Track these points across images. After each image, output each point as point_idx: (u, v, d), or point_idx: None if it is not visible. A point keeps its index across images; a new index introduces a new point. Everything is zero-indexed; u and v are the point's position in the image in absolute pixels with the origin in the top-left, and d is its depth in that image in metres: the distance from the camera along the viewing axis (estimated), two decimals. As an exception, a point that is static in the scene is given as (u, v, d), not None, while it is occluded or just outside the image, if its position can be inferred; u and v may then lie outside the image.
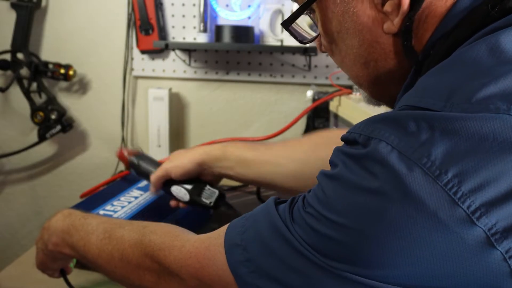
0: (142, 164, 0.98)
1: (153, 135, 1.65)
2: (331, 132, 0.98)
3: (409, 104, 0.44)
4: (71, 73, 1.63)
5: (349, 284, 0.43)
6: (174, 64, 1.67)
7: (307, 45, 0.91)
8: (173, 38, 1.64)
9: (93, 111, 1.74)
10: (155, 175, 0.93)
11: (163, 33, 1.63)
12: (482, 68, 0.42)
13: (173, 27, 1.64)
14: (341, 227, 0.43)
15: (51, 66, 1.62)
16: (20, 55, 1.63)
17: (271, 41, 1.58)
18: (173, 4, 1.63)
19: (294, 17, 0.56)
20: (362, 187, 0.42)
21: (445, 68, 0.45)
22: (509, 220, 0.38)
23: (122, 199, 0.98)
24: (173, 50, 1.64)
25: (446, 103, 0.41)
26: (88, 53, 1.70)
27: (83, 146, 1.78)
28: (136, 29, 1.63)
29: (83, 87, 1.74)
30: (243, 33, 1.53)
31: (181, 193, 0.92)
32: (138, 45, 1.65)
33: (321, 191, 0.46)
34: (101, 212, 0.92)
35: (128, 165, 1.00)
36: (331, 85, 1.56)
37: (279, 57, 1.62)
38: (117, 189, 1.03)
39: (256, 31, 1.57)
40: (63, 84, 1.72)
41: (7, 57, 1.63)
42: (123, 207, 0.94)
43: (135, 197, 0.99)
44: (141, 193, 1.02)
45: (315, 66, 1.61)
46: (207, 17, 1.57)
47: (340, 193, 0.44)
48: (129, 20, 1.64)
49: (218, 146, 0.94)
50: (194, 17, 1.62)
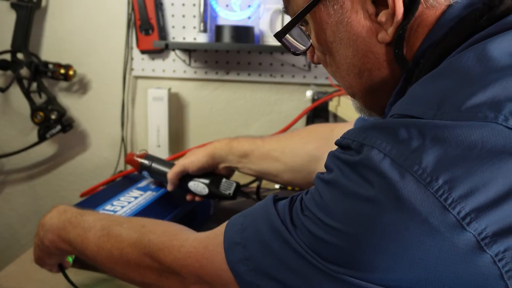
0: (154, 165, 1.02)
1: (153, 135, 1.66)
2: (318, 126, 1.02)
3: (400, 112, 0.45)
4: (71, 73, 1.63)
5: (347, 286, 0.44)
6: (174, 64, 1.67)
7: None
8: (173, 38, 1.64)
9: (93, 111, 1.75)
10: (172, 172, 0.97)
11: (163, 33, 1.63)
12: (471, 76, 0.43)
13: (173, 27, 1.64)
14: (338, 232, 0.44)
15: (51, 66, 1.62)
16: (20, 55, 1.63)
17: (271, 41, 1.58)
18: (173, 4, 1.63)
19: (287, 28, 0.56)
20: (358, 195, 0.43)
21: (435, 77, 0.46)
22: (498, 224, 0.39)
23: (122, 199, 0.98)
24: (173, 50, 1.64)
25: (436, 112, 0.42)
26: (88, 53, 1.70)
27: (83, 146, 1.78)
28: (136, 29, 1.63)
29: (83, 87, 1.74)
30: (243, 33, 1.53)
31: (199, 188, 0.97)
32: (138, 45, 1.65)
33: (319, 196, 0.47)
34: (101, 212, 0.92)
35: (139, 168, 1.03)
36: (330, 85, 1.56)
37: (279, 57, 1.62)
38: (117, 189, 1.03)
39: (256, 31, 1.57)
40: (63, 84, 1.73)
41: (7, 57, 1.63)
42: (123, 207, 0.94)
43: (135, 197, 0.99)
44: (141, 193, 1.02)
45: (315, 66, 1.61)
46: (207, 17, 1.57)
47: (337, 199, 0.45)
48: (129, 20, 1.64)
49: (225, 141, 1.00)
50: (194, 17, 1.62)
